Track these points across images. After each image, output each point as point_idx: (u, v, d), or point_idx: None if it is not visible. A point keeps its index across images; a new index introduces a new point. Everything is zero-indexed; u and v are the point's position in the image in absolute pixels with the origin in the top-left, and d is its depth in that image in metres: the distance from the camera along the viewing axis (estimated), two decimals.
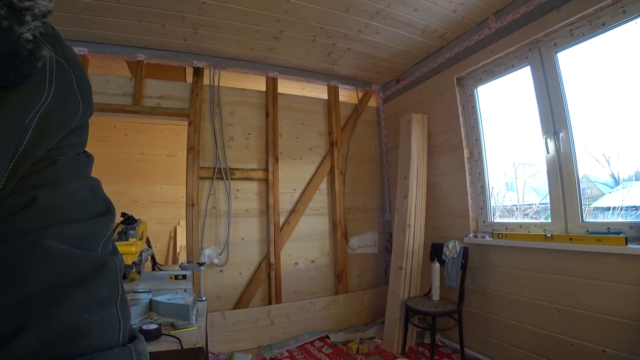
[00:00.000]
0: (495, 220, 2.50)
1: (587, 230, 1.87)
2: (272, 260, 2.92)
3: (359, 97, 3.59)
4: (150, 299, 1.47)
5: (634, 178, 1.93)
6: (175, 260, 4.37)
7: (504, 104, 2.60)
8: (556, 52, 2.05)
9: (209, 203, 2.79)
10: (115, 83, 2.63)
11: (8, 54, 0.24)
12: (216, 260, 2.76)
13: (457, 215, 2.65)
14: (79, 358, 0.25)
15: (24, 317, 0.25)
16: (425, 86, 3.04)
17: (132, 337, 0.31)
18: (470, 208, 2.56)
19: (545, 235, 1.99)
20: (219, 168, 2.85)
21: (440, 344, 2.66)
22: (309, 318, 2.97)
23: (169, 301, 1.45)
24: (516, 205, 2.58)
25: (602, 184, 2.07)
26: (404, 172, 2.87)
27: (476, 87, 2.62)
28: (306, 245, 3.14)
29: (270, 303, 2.88)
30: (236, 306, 2.79)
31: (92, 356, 0.26)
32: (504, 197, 2.64)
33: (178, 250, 4.42)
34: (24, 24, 0.24)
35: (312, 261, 3.16)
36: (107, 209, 0.35)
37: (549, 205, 2.11)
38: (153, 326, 1.21)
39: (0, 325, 0.24)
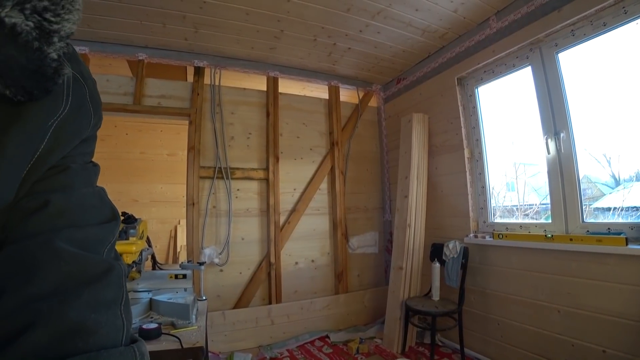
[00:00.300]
0: (495, 221, 2.50)
1: (588, 231, 1.87)
2: (273, 259, 2.92)
3: (360, 97, 3.59)
4: (151, 298, 1.47)
5: (634, 178, 1.92)
6: (175, 259, 4.38)
7: (505, 104, 2.59)
8: (557, 53, 2.05)
9: (209, 202, 2.79)
10: (116, 82, 2.64)
11: (35, 71, 0.26)
12: (216, 260, 2.76)
13: (458, 215, 2.65)
14: (86, 355, 0.26)
15: (34, 314, 0.26)
16: (426, 86, 3.04)
17: (134, 340, 0.32)
18: (470, 208, 2.56)
19: (545, 235, 1.99)
20: (220, 167, 2.85)
21: (440, 344, 2.66)
22: (309, 318, 2.97)
23: (169, 300, 1.45)
24: (517, 206, 2.57)
25: (602, 184, 2.07)
26: (405, 172, 2.87)
27: (477, 87, 2.62)
28: (306, 245, 3.14)
29: (270, 303, 2.88)
30: (236, 306, 2.79)
31: (99, 353, 0.27)
32: (504, 197, 2.64)
33: (178, 249, 4.42)
34: (52, 45, 0.26)
35: (313, 261, 3.16)
36: (113, 215, 0.36)
37: (549, 205, 2.11)
38: (153, 325, 1.21)
39: (11, 322, 0.25)
